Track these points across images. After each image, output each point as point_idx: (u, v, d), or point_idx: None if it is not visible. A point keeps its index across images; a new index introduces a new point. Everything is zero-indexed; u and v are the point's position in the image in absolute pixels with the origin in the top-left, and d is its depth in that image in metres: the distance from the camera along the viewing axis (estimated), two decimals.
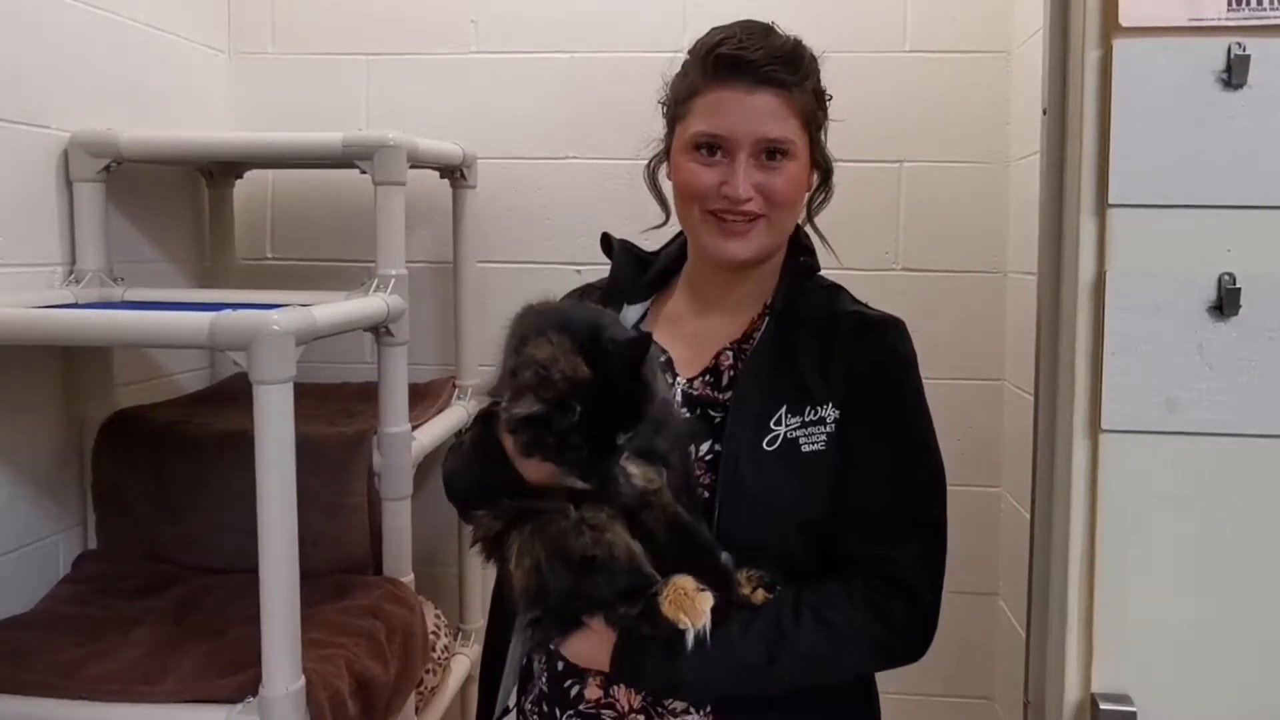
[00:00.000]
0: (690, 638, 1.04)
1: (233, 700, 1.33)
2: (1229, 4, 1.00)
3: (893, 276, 2.21)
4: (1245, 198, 1.01)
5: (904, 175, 2.21)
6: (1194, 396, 1.02)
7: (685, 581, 1.06)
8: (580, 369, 1.01)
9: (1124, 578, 1.04)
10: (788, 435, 1.16)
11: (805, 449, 1.15)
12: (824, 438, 1.16)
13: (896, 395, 1.19)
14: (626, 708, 1.17)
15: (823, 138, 1.23)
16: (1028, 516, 1.20)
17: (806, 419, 1.16)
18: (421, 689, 1.84)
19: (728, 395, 1.20)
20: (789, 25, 1.25)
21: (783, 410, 1.16)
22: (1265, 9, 0.99)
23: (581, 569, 1.07)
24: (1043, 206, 1.12)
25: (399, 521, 1.80)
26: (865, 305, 1.26)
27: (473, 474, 1.20)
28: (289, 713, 1.31)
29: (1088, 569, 1.05)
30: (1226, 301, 1.01)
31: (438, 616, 2.00)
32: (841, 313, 1.22)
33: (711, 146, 1.17)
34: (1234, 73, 1.00)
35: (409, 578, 1.82)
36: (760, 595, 1.13)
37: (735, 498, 1.14)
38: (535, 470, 1.09)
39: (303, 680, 1.34)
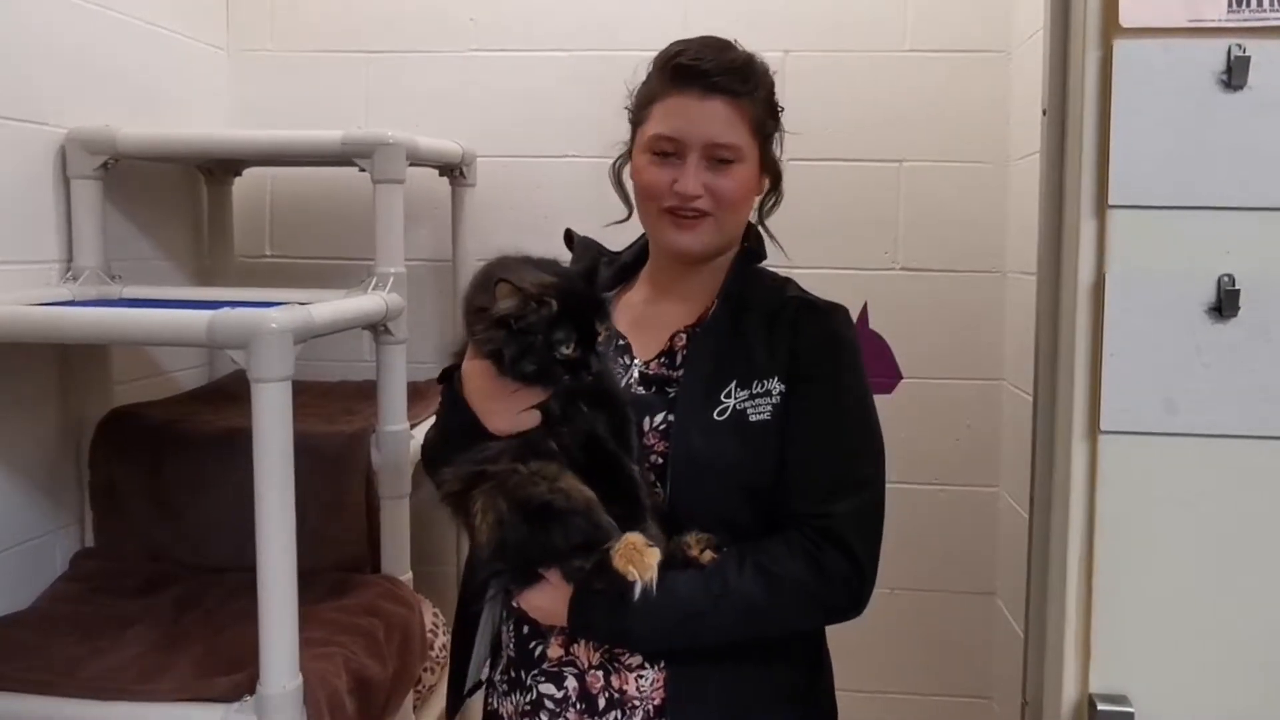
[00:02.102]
0: (638, 591, 1.12)
1: (230, 699, 1.33)
2: (1229, 5, 1.00)
3: (892, 276, 2.20)
4: (1245, 199, 1.01)
5: (903, 175, 2.21)
6: (1193, 398, 1.02)
7: (636, 538, 1.14)
8: (545, 278, 1.15)
9: (1122, 578, 1.04)
10: (736, 406, 1.23)
11: (753, 419, 1.22)
12: (770, 409, 1.23)
13: (835, 369, 1.26)
14: (586, 664, 1.24)
15: (775, 146, 1.32)
16: (1026, 517, 1.20)
17: (754, 391, 1.24)
18: (419, 687, 1.84)
19: (681, 372, 1.28)
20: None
21: (732, 384, 1.24)
22: (1265, 10, 0.99)
23: (541, 517, 1.13)
24: (1042, 207, 1.12)
25: (397, 520, 1.80)
26: (812, 294, 1.33)
27: (441, 433, 1.29)
28: (287, 711, 1.31)
29: (1086, 569, 1.05)
30: (1225, 303, 1.01)
31: (436, 615, 2.00)
32: (789, 298, 1.31)
33: (667, 148, 1.25)
34: (1234, 74, 1.00)
35: (407, 576, 1.82)
36: (708, 556, 1.19)
37: (685, 463, 1.21)
38: (505, 409, 1.17)
39: (300, 679, 1.34)
